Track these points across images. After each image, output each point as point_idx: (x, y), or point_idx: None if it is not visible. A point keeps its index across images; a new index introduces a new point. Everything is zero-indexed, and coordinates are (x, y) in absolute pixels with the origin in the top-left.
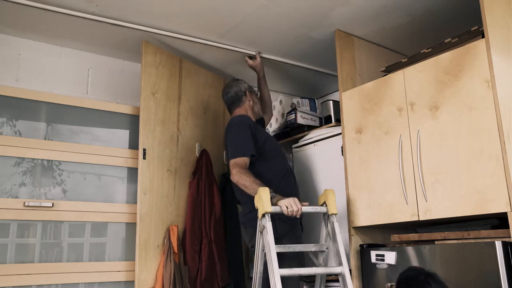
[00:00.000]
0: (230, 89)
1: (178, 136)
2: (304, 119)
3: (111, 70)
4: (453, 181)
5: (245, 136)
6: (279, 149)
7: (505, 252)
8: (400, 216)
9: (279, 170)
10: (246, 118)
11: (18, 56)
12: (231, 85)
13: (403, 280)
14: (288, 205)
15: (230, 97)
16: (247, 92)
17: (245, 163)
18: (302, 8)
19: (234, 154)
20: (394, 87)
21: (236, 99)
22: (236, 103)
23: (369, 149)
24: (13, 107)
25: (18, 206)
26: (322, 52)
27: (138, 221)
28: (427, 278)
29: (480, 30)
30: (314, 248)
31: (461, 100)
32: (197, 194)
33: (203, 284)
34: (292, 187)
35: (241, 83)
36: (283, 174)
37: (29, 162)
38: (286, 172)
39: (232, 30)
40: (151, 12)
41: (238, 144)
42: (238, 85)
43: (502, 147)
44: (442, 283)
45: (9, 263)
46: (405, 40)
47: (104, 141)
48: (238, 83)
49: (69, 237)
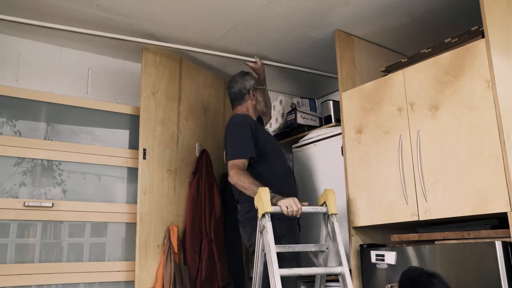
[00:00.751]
0: (235, 84)
1: (178, 136)
2: (304, 119)
3: (111, 70)
4: (453, 181)
5: (245, 137)
6: (279, 149)
7: (505, 252)
8: (400, 216)
9: (279, 170)
10: (247, 118)
11: (18, 56)
12: (236, 80)
13: (406, 280)
14: (288, 205)
15: (233, 93)
16: (251, 91)
17: (243, 165)
18: (302, 8)
19: (233, 155)
20: (394, 87)
21: (239, 96)
22: (238, 100)
23: (369, 149)
24: (13, 107)
25: (18, 206)
26: (322, 52)
27: (138, 221)
28: (430, 278)
29: (480, 30)
30: (314, 248)
31: (461, 100)
32: (197, 194)
33: (203, 284)
34: (292, 188)
35: (247, 79)
36: (283, 174)
37: (29, 162)
38: (286, 173)
39: (232, 30)
40: (151, 12)
41: (238, 145)
42: (243, 82)
43: (502, 147)
44: (445, 283)
45: (9, 263)
46: (405, 40)
47: (104, 141)
48: (244, 79)
49: (69, 237)
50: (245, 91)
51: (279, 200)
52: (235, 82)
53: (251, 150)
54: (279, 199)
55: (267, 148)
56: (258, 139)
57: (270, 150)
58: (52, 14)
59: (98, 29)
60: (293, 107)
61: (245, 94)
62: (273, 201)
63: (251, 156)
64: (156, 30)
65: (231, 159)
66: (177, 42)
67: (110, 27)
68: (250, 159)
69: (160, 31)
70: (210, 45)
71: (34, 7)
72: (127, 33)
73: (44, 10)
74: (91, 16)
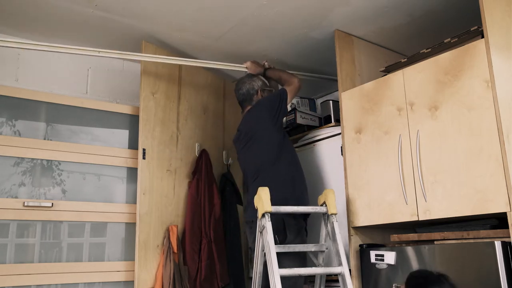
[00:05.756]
0: (242, 85)
1: (178, 136)
2: (304, 119)
3: (110, 70)
4: (453, 181)
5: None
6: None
7: (504, 252)
8: (399, 216)
9: (297, 162)
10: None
11: (18, 56)
12: (244, 81)
13: (415, 278)
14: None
15: (242, 94)
16: (259, 91)
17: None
18: (301, 8)
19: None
20: (393, 87)
21: (248, 97)
22: (247, 100)
23: (368, 149)
24: (13, 107)
25: (18, 206)
26: (322, 52)
27: (137, 221)
28: (440, 276)
29: (479, 30)
30: (314, 248)
31: (461, 100)
32: (197, 194)
33: (203, 284)
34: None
35: (255, 80)
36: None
37: (28, 162)
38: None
39: (231, 30)
40: (151, 12)
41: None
42: (251, 83)
43: (502, 147)
44: (453, 285)
45: (8, 263)
46: (405, 40)
47: (103, 141)
48: (251, 80)
49: (69, 237)
50: (253, 92)
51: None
52: (243, 84)
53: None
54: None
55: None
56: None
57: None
58: (52, 14)
59: (98, 29)
60: (292, 107)
61: (254, 95)
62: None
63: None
64: (156, 30)
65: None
66: (177, 42)
67: (109, 27)
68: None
69: (159, 31)
70: (209, 45)
71: (34, 8)
72: (126, 33)
73: (44, 10)
74: (91, 16)
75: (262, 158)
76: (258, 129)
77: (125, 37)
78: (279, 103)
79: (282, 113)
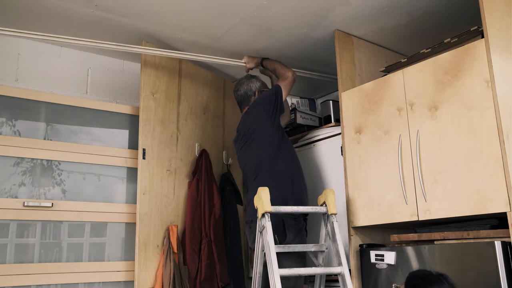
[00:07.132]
0: (241, 87)
1: (178, 136)
2: (304, 119)
3: (110, 70)
4: (453, 181)
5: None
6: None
7: (504, 252)
8: (399, 216)
9: (296, 159)
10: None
11: (18, 56)
12: (242, 83)
13: (414, 278)
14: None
15: (240, 95)
16: (257, 93)
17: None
18: (301, 8)
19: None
20: (393, 87)
21: (246, 98)
22: (245, 102)
23: (368, 149)
24: (13, 107)
25: (18, 206)
26: (322, 52)
27: (137, 221)
28: (439, 276)
29: (479, 30)
30: (314, 248)
31: (461, 100)
32: (197, 194)
33: (203, 284)
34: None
35: (253, 81)
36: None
37: (28, 162)
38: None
39: (231, 30)
40: (151, 12)
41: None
42: (249, 84)
43: (502, 147)
44: (452, 285)
45: (8, 263)
46: (405, 40)
47: (103, 141)
48: (249, 82)
49: (69, 237)
50: (251, 93)
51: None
52: (241, 85)
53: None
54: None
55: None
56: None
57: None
58: (52, 14)
59: (98, 29)
60: (292, 107)
61: (251, 96)
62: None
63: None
64: (156, 30)
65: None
66: (177, 42)
67: (109, 27)
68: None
69: (159, 31)
70: (209, 45)
71: (34, 7)
72: (126, 33)
73: (43, 10)
74: (90, 16)
75: (261, 156)
76: (256, 128)
77: (125, 37)
78: (275, 99)
79: (279, 109)
